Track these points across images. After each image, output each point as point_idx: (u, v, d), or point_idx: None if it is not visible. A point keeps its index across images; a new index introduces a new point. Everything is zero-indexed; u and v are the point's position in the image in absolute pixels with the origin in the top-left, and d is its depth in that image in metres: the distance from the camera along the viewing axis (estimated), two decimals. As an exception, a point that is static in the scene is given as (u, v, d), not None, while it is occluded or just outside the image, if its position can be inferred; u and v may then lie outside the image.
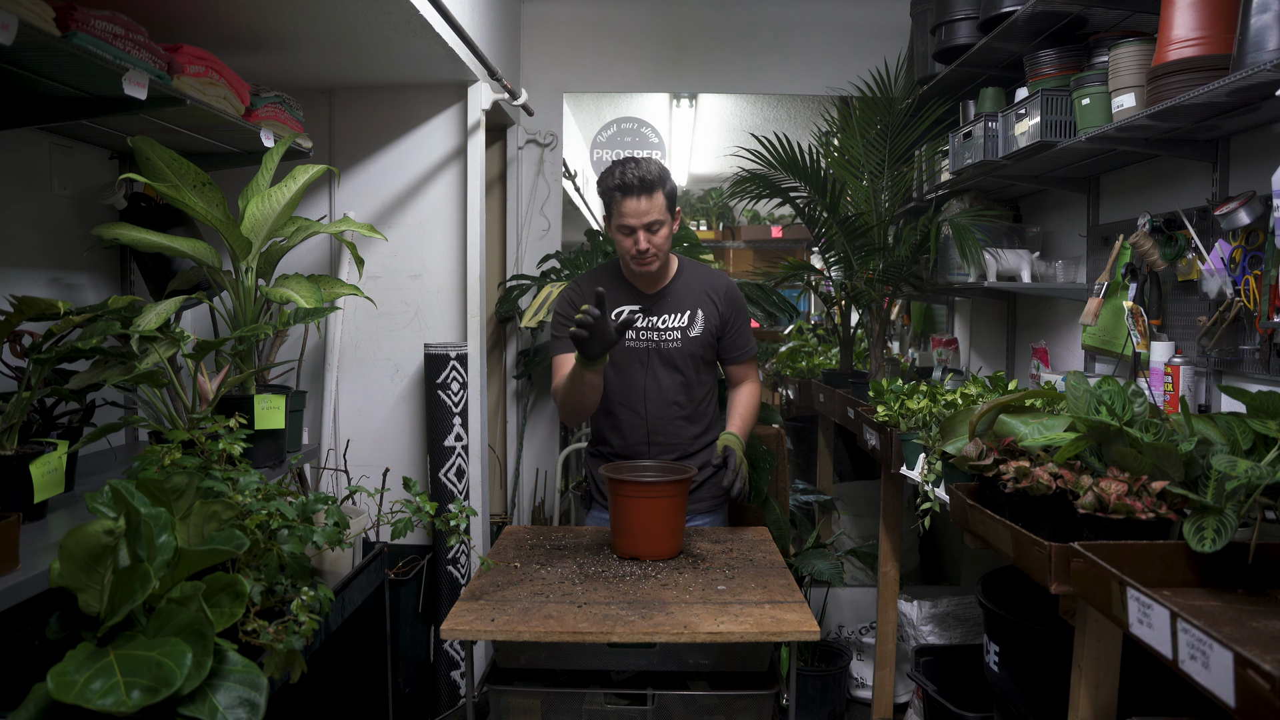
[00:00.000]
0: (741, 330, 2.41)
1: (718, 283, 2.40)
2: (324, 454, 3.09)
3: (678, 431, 2.37)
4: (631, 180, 2.18)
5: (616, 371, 2.36)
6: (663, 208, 2.22)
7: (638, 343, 2.35)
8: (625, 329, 2.05)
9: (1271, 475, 1.33)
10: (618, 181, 2.20)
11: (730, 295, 2.39)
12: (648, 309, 2.34)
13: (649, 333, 2.35)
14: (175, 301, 1.92)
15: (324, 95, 3.16)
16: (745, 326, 2.42)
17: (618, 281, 2.38)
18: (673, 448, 2.37)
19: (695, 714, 1.67)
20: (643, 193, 2.19)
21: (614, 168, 2.23)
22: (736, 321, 2.39)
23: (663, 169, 2.25)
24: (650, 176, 2.19)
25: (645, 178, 2.18)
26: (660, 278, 2.36)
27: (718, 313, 2.36)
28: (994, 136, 2.74)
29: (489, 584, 1.83)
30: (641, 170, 2.19)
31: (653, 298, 2.36)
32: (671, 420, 2.35)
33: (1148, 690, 1.64)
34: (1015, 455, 1.77)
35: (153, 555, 1.34)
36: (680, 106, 5.18)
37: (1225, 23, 1.86)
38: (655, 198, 2.20)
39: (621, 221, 2.22)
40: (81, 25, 1.57)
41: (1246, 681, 1.03)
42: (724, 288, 2.39)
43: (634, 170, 2.19)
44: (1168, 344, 2.28)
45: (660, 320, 2.35)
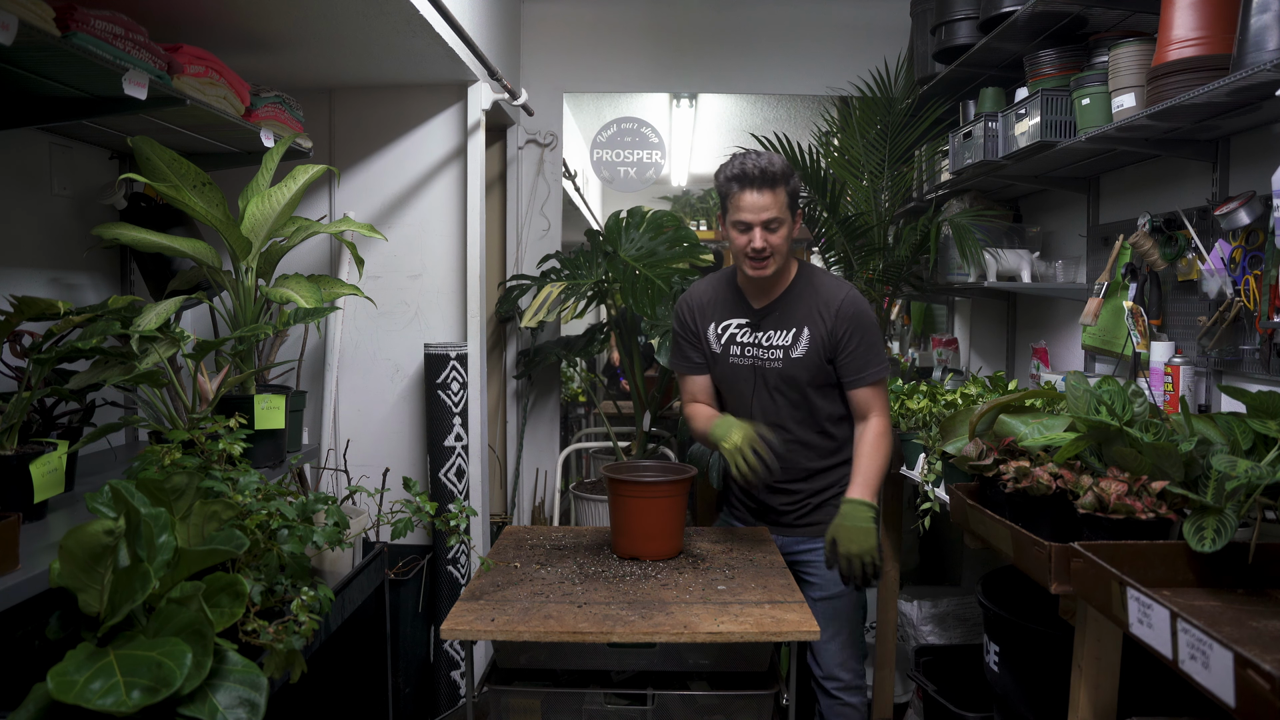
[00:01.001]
0: (859, 350, 2.11)
1: (833, 295, 2.14)
2: (324, 454, 3.09)
3: (794, 460, 2.18)
4: (752, 171, 2.02)
5: (727, 389, 2.23)
6: (784, 205, 2.05)
7: (743, 359, 2.18)
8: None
9: (1271, 475, 1.33)
10: (736, 171, 2.04)
11: (844, 311, 2.11)
12: (754, 323, 2.17)
13: (754, 349, 2.17)
14: (175, 301, 1.92)
15: (324, 95, 3.16)
16: (866, 346, 2.12)
17: (729, 290, 2.22)
18: (793, 472, 2.19)
19: (695, 714, 1.67)
20: (764, 186, 2.02)
21: (734, 158, 2.08)
22: (852, 340, 2.11)
23: (787, 165, 2.07)
24: (774, 170, 2.02)
25: (768, 170, 2.02)
26: (773, 287, 2.16)
27: (825, 331, 2.11)
28: (994, 136, 2.74)
29: (489, 584, 1.83)
30: (764, 162, 2.03)
31: (761, 312, 2.17)
32: (785, 444, 2.15)
33: (1148, 690, 1.64)
34: (1015, 455, 1.77)
35: (153, 555, 1.34)
36: (680, 106, 5.18)
37: (1225, 23, 1.86)
38: (777, 193, 2.03)
39: (737, 216, 2.06)
40: (81, 25, 1.57)
41: (1246, 681, 1.03)
42: (838, 301, 2.12)
43: (754, 161, 2.03)
44: (1168, 344, 2.28)
45: (765, 338, 2.16)
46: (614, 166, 4.25)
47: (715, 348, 2.21)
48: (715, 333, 2.21)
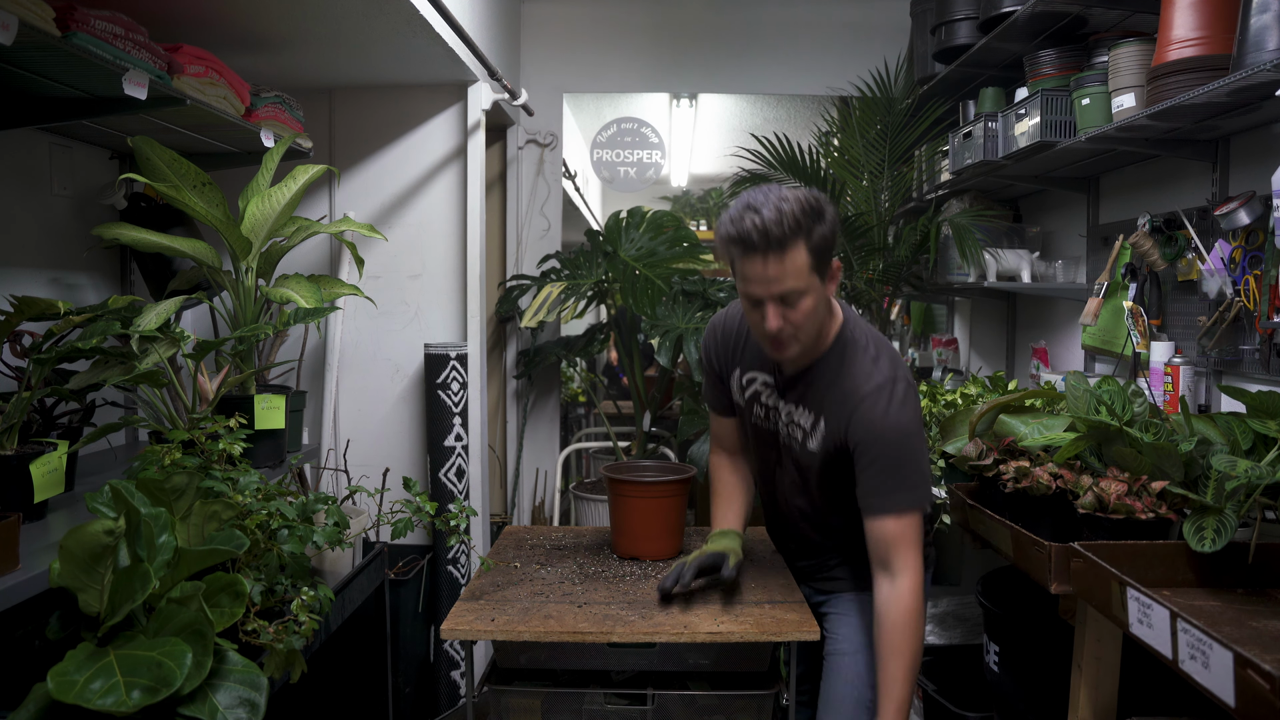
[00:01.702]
0: (875, 469, 1.57)
1: (856, 387, 1.61)
2: (324, 454, 3.09)
3: (806, 537, 1.86)
4: (752, 236, 1.50)
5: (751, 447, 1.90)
6: (805, 269, 1.52)
7: (766, 424, 1.79)
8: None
9: (1271, 475, 1.33)
10: (733, 232, 1.53)
11: (862, 416, 1.59)
12: (780, 389, 1.74)
13: (777, 417, 1.76)
14: (175, 301, 1.92)
15: (324, 95, 3.16)
16: (887, 466, 1.57)
17: None
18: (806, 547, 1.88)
19: (695, 714, 1.67)
20: (769, 251, 1.50)
21: (733, 211, 1.55)
22: (868, 453, 1.58)
23: (806, 210, 1.51)
24: (782, 228, 1.49)
25: (771, 231, 1.49)
26: (805, 355, 1.66)
27: (842, 433, 1.62)
28: (994, 136, 2.74)
29: (489, 584, 1.83)
30: (769, 216, 1.49)
31: (788, 380, 1.72)
32: (800, 520, 1.84)
33: (1148, 690, 1.64)
34: (1015, 455, 1.77)
35: (153, 555, 1.34)
36: (680, 106, 5.18)
37: (1225, 23, 1.86)
38: (791, 256, 1.51)
39: (744, 287, 1.57)
40: (81, 25, 1.57)
41: (1246, 681, 1.04)
42: (859, 399, 1.60)
43: (755, 218, 1.50)
44: (1168, 344, 2.28)
45: (787, 411, 1.73)
46: (614, 166, 4.25)
47: (738, 398, 1.82)
48: (739, 383, 1.82)
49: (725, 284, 3.68)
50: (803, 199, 1.53)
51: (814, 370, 1.68)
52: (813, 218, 1.52)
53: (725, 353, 1.84)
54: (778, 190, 1.54)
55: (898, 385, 1.60)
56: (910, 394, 1.61)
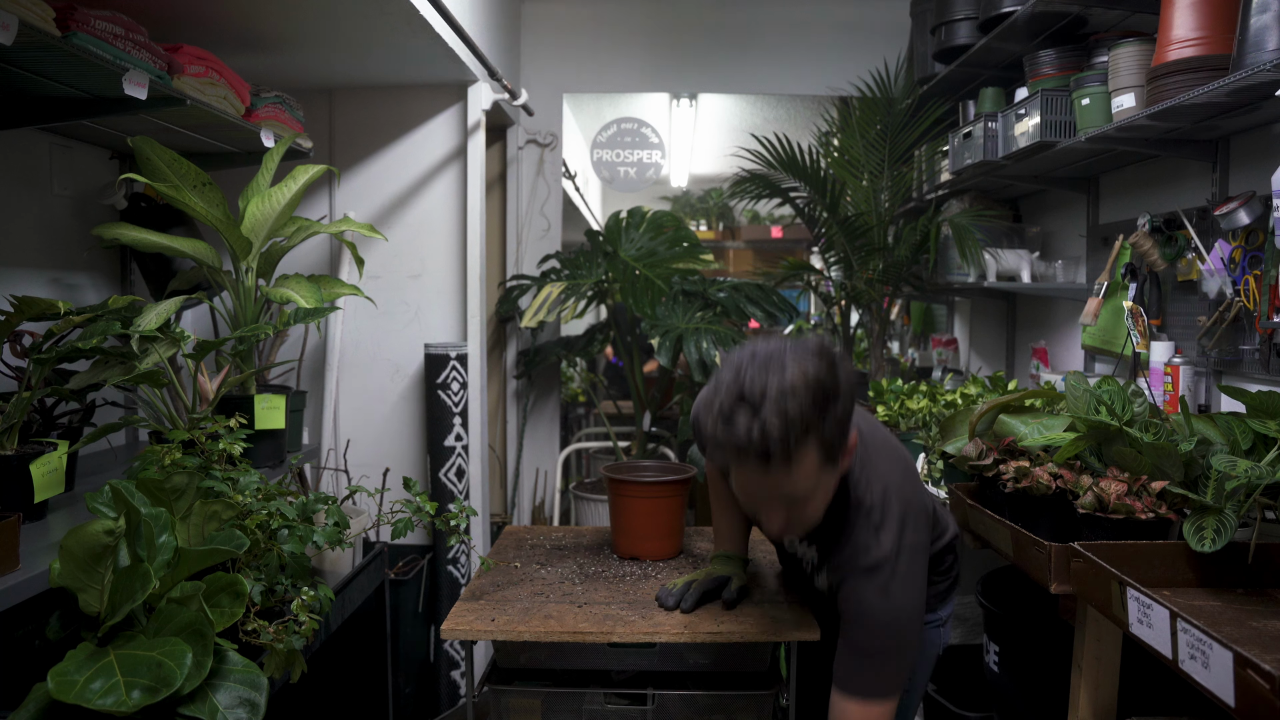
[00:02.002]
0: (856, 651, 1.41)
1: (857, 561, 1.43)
2: (324, 454, 3.09)
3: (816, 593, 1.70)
4: (748, 445, 1.26)
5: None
6: (814, 470, 1.31)
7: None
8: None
9: (1271, 475, 1.33)
10: (724, 437, 1.28)
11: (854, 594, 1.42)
12: None
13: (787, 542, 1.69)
14: (175, 301, 1.92)
15: (324, 95, 3.16)
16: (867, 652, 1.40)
17: None
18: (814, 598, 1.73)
19: (695, 714, 1.67)
20: (771, 463, 1.27)
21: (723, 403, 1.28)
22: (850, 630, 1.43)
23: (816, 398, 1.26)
24: (789, 436, 1.24)
25: (774, 445, 1.24)
26: None
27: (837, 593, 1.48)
28: (994, 136, 2.74)
29: (489, 584, 1.83)
30: (770, 424, 1.24)
31: None
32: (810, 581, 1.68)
33: (1148, 690, 1.64)
34: (1015, 455, 1.77)
35: (153, 555, 1.34)
36: (680, 106, 5.18)
37: (1225, 23, 1.86)
38: (797, 463, 1.28)
39: (740, 485, 1.37)
40: (82, 25, 1.57)
41: (1246, 681, 1.04)
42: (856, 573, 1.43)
43: (754, 427, 1.24)
44: (1168, 344, 2.28)
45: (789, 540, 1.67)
46: (614, 166, 4.25)
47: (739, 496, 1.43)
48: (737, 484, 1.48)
49: (725, 284, 3.69)
50: (811, 382, 1.26)
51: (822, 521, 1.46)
52: (823, 406, 1.27)
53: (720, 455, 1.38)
54: (780, 375, 1.26)
55: (899, 560, 1.41)
56: (912, 570, 1.43)
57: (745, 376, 1.27)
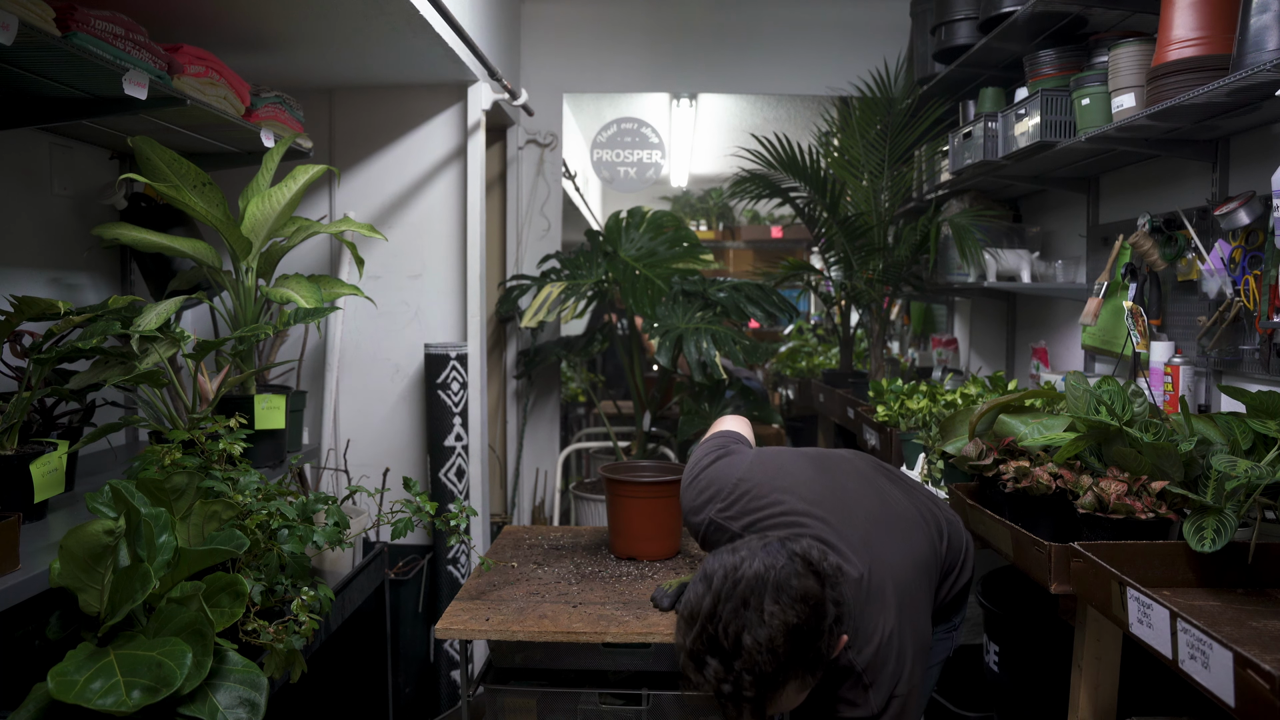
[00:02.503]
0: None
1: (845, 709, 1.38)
2: (324, 454, 3.09)
3: None
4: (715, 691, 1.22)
5: None
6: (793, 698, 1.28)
7: None
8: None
9: (1271, 475, 1.33)
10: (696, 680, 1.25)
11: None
12: None
13: None
14: (175, 301, 1.92)
15: (324, 95, 3.16)
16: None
17: None
18: None
19: (690, 714, 1.66)
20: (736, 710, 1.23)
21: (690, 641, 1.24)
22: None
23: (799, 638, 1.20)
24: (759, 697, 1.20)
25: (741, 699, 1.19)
26: None
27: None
28: (994, 136, 2.73)
29: (486, 584, 1.83)
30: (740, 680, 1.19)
31: None
32: None
33: (1148, 690, 1.64)
34: (1015, 455, 1.77)
35: (153, 555, 1.34)
36: (680, 106, 5.18)
37: (1225, 23, 1.86)
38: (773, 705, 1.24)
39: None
40: (82, 25, 1.57)
41: (1246, 681, 1.03)
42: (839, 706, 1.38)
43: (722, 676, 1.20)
44: (1168, 344, 2.27)
45: None
46: (614, 166, 4.25)
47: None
48: None
49: (725, 284, 3.69)
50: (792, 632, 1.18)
51: None
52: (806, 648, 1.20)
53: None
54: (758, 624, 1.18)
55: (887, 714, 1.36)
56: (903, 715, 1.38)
57: (721, 614, 1.19)
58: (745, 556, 1.25)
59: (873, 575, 1.42)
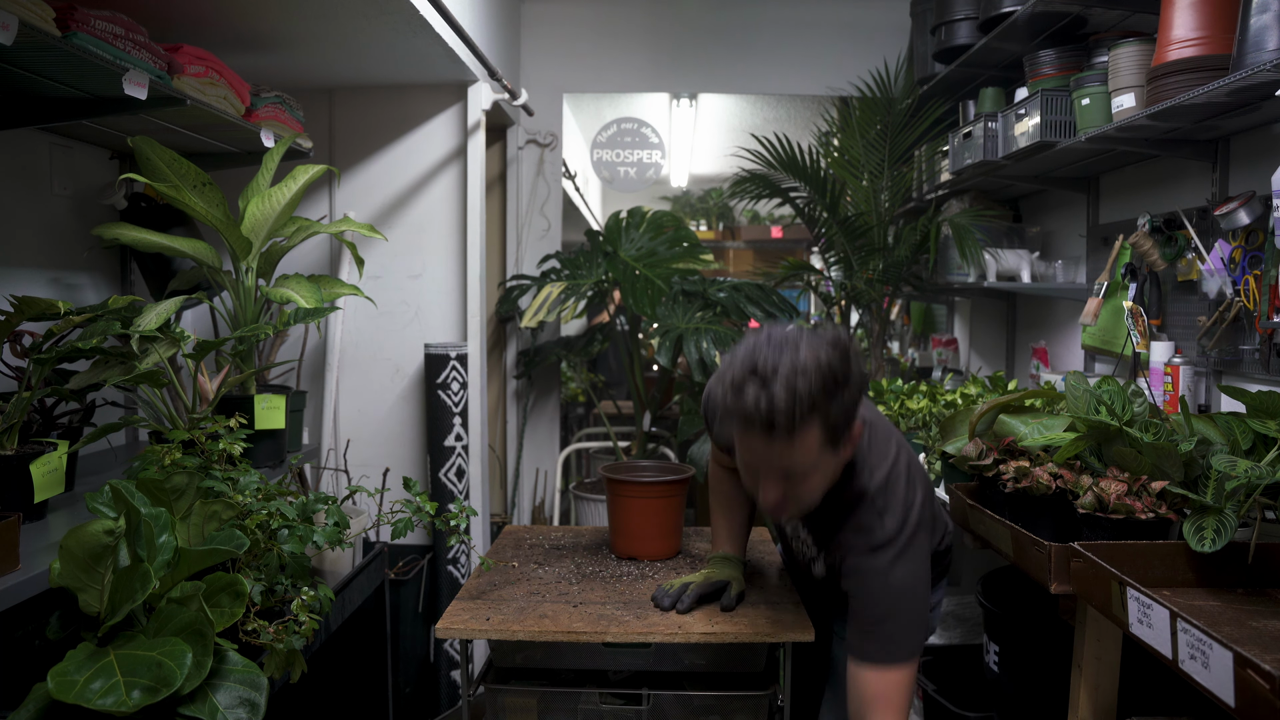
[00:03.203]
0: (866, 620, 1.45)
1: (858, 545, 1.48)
2: (324, 454, 3.09)
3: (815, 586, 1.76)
4: (754, 414, 1.30)
5: None
6: (815, 449, 1.34)
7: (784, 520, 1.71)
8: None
9: (1271, 475, 1.33)
10: (733, 405, 1.33)
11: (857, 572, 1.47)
12: None
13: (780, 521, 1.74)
14: (175, 301, 1.92)
15: (324, 95, 3.16)
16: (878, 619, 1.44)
17: None
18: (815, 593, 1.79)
19: (691, 714, 1.66)
20: (775, 435, 1.31)
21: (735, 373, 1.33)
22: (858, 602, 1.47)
23: (826, 382, 1.30)
24: (795, 411, 1.28)
25: (779, 416, 1.28)
26: None
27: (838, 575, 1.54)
28: (994, 136, 2.73)
29: (486, 583, 1.83)
30: (778, 397, 1.28)
31: None
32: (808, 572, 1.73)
33: (1148, 690, 1.64)
34: (1015, 455, 1.77)
35: (153, 555, 1.34)
36: (680, 106, 5.18)
37: (1225, 23, 1.86)
38: (800, 440, 1.32)
39: (742, 455, 1.42)
40: (81, 25, 1.58)
41: (1246, 681, 1.03)
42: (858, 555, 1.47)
43: (763, 397, 1.28)
44: (1168, 344, 2.28)
45: (789, 525, 1.71)
46: (614, 166, 4.25)
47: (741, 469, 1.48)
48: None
49: (725, 284, 3.69)
50: (823, 366, 1.29)
51: (821, 509, 1.51)
52: (832, 391, 1.30)
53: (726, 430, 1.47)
54: (793, 355, 1.29)
55: (905, 534, 1.46)
56: (918, 544, 1.47)
57: (760, 353, 1.32)
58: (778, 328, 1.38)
59: (878, 420, 1.61)
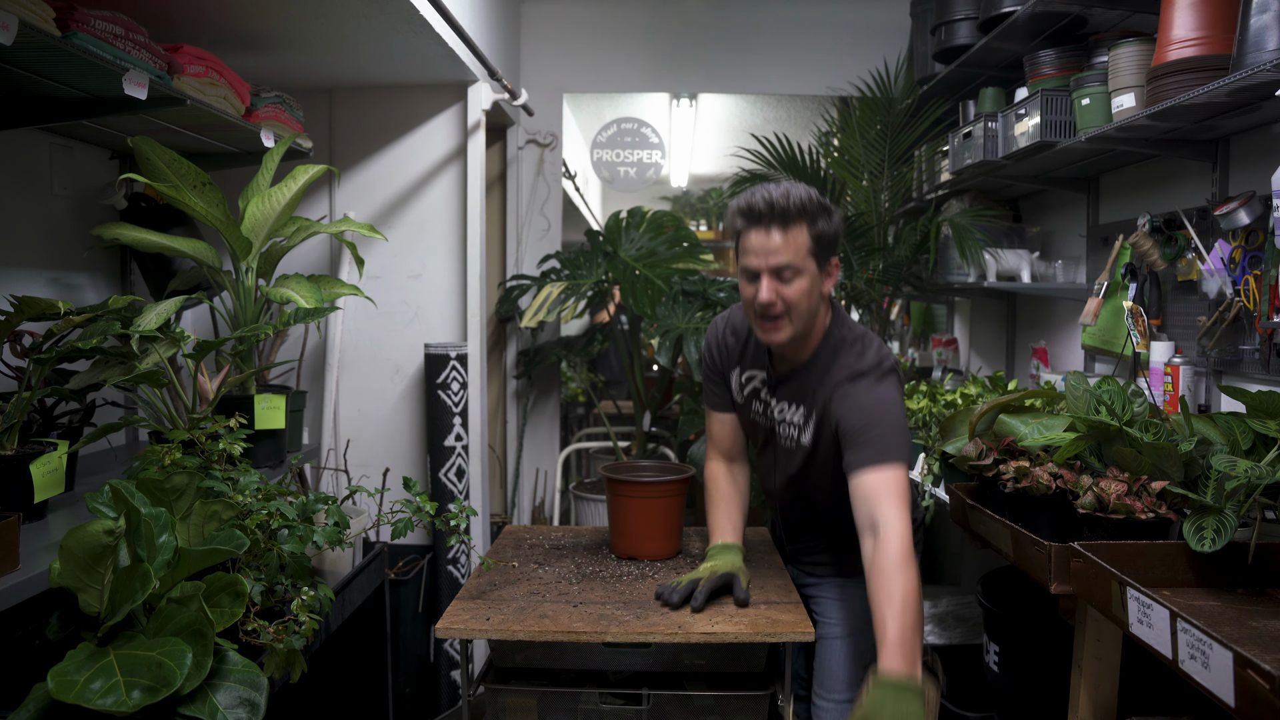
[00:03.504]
0: (856, 428, 1.60)
1: (843, 376, 1.67)
2: (324, 454, 3.09)
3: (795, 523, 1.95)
4: (759, 205, 1.60)
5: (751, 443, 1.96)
6: (803, 250, 1.61)
7: (763, 419, 1.85)
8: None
9: (1271, 475, 1.33)
10: (744, 204, 1.64)
11: (845, 396, 1.64)
12: (773, 386, 1.81)
13: (773, 414, 1.82)
14: (175, 301, 1.92)
15: (324, 95, 3.16)
16: (867, 425, 1.59)
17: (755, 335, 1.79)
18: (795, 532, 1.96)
19: (691, 714, 1.66)
20: (774, 223, 1.60)
21: (748, 190, 1.66)
22: (849, 422, 1.62)
23: (814, 200, 1.63)
24: (788, 203, 1.59)
25: (778, 203, 1.59)
26: (798, 350, 1.74)
27: (828, 415, 1.68)
28: (994, 136, 2.73)
29: (486, 583, 1.83)
30: (778, 192, 1.60)
31: (781, 377, 1.79)
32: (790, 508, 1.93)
33: (1148, 690, 1.64)
34: (1015, 455, 1.77)
35: (153, 555, 1.34)
36: (680, 106, 5.18)
37: (1225, 23, 1.86)
38: (792, 233, 1.60)
39: (743, 260, 1.65)
40: (81, 25, 1.58)
41: (1246, 681, 1.04)
42: (844, 383, 1.66)
43: (766, 192, 1.61)
44: (1167, 344, 2.28)
45: (779, 409, 1.80)
46: (614, 166, 4.25)
47: (738, 396, 1.89)
48: (739, 381, 1.89)
49: (725, 284, 3.69)
50: (815, 194, 1.64)
51: (805, 368, 1.75)
52: (820, 210, 1.64)
53: (727, 356, 1.90)
54: (792, 183, 1.65)
55: (882, 368, 1.67)
56: (893, 378, 1.67)
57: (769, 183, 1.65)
58: None
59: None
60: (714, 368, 1.94)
